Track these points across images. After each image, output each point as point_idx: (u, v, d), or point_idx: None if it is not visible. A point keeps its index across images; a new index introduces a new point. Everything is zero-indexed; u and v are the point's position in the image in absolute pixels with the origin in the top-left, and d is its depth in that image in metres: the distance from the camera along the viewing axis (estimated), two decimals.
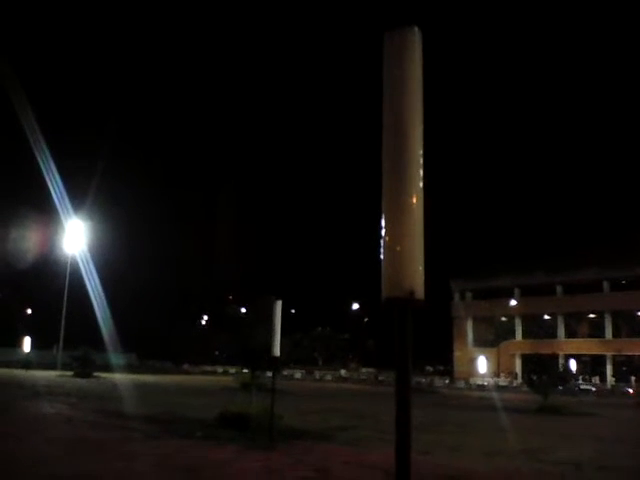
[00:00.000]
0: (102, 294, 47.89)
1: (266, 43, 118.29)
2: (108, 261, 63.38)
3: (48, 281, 61.89)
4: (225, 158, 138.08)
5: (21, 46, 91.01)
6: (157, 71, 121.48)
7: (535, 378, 29.68)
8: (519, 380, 59.92)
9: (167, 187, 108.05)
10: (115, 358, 50.31)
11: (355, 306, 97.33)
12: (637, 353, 64.02)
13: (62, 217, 51.19)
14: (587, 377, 61.20)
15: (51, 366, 46.57)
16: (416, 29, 2.17)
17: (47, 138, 46.31)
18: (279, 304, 11.55)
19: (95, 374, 37.62)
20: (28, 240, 65.12)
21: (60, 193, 48.36)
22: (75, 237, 52.72)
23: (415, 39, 2.17)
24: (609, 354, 65.79)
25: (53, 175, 46.81)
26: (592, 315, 70.48)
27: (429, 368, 78.00)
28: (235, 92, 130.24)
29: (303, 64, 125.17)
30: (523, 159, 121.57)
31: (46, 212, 57.53)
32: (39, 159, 45.84)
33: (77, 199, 55.08)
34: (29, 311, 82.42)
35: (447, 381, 61.17)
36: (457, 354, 76.44)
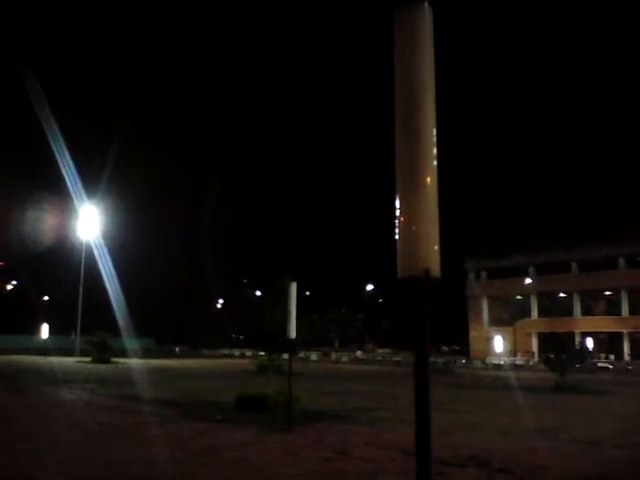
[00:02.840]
0: (117, 279, 48.17)
1: (272, 26, 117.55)
2: (123, 246, 63.78)
3: (64, 268, 62.31)
4: (241, 141, 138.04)
5: (35, 33, 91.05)
6: (171, 57, 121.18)
7: (552, 356, 29.64)
8: (535, 359, 59.94)
9: (180, 171, 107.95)
10: (132, 343, 50.72)
11: (370, 287, 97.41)
12: None
13: (76, 203, 51.48)
14: (604, 355, 61.02)
15: (69, 352, 46.98)
16: (426, 5, 2.14)
17: (61, 124, 46.46)
18: (294, 286, 11.56)
19: (113, 359, 37.93)
20: (43, 227, 65.57)
21: (74, 179, 48.62)
22: (89, 223, 53.00)
23: (425, 15, 2.13)
24: (626, 331, 65.50)
25: (66, 161, 47.02)
26: (608, 292, 70.14)
27: (445, 348, 78.06)
28: (248, 77, 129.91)
29: (312, 47, 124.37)
30: (538, 135, 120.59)
31: (61, 198, 57.88)
32: (52, 145, 46.03)
33: (91, 184, 55.33)
34: (46, 298, 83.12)
35: (463, 361, 61.16)
36: (473, 334, 76.40)
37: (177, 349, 73.48)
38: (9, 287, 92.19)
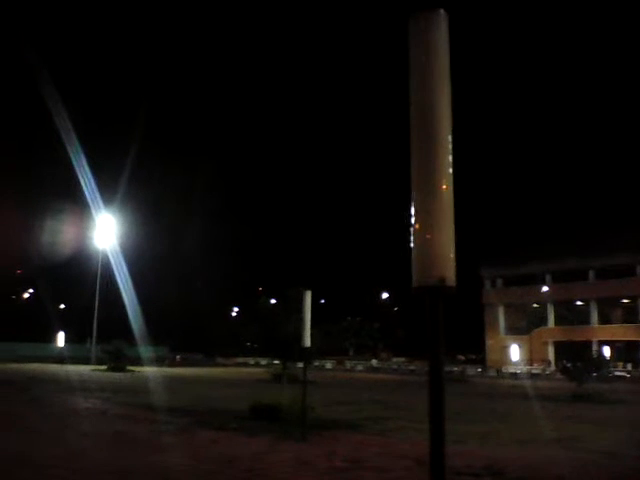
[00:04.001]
0: (133, 288, 48.35)
1: (288, 31, 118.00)
2: (139, 254, 64.10)
3: (80, 276, 62.66)
4: (258, 150, 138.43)
5: (53, 43, 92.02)
6: (187, 65, 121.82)
7: (569, 365, 29.42)
8: (552, 368, 59.44)
9: (197, 179, 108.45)
10: (148, 351, 50.85)
11: (385, 295, 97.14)
12: None
13: (93, 211, 51.82)
14: (622, 363, 60.39)
15: (85, 360, 47.18)
16: (442, 12, 2.13)
17: (79, 133, 46.83)
18: (309, 294, 11.54)
19: (128, 368, 38.04)
20: (60, 236, 66.00)
21: (91, 187, 48.89)
22: (106, 231, 53.33)
23: (441, 22, 2.12)
24: None
25: (84, 169, 47.34)
26: (626, 300, 69.49)
27: (461, 357, 77.59)
28: (264, 86, 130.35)
29: (328, 49, 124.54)
30: (554, 142, 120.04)
31: (78, 207, 58.18)
32: (70, 154, 46.38)
33: (108, 193, 55.67)
34: (62, 306, 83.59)
35: (479, 370, 60.80)
36: (489, 342, 75.92)
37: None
38: (26, 295, 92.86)
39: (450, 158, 2.07)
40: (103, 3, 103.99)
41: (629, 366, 59.97)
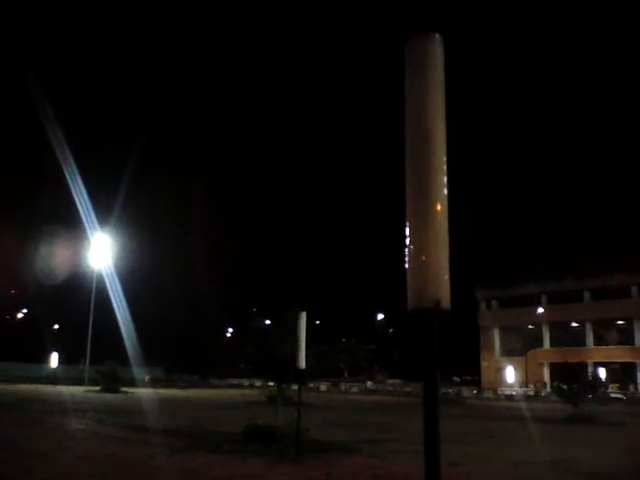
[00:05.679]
0: (127, 309, 48.19)
1: (287, 52, 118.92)
2: (134, 275, 63.87)
3: (75, 296, 62.49)
4: (252, 169, 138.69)
5: (49, 64, 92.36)
6: (184, 86, 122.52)
7: (564, 387, 29.32)
8: (547, 389, 59.27)
9: (191, 199, 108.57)
10: (142, 372, 50.57)
11: (380, 316, 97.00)
12: None
13: (88, 232, 51.75)
14: (618, 385, 60.25)
15: (78, 381, 46.89)
16: (437, 36, 2.14)
17: (74, 153, 46.95)
18: (304, 315, 11.51)
19: (122, 389, 37.78)
20: (55, 256, 65.84)
21: (86, 207, 48.89)
22: (101, 252, 53.22)
23: (436, 46, 2.14)
24: (639, 361, 64.78)
25: (80, 190, 47.37)
26: (621, 322, 69.54)
27: (456, 379, 77.38)
28: (256, 100, 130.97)
29: (328, 68, 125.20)
30: (549, 163, 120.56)
31: (73, 227, 58.14)
32: (66, 174, 46.45)
33: (103, 212, 55.64)
34: (56, 327, 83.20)
35: (475, 391, 60.57)
36: (484, 364, 75.79)
37: (186, 378, 72.62)
38: (20, 315, 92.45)
39: (445, 179, 2.08)
40: (96, 25, 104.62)
41: (630, 388, 59.79)
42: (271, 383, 37.94)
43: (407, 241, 2.05)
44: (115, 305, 48.29)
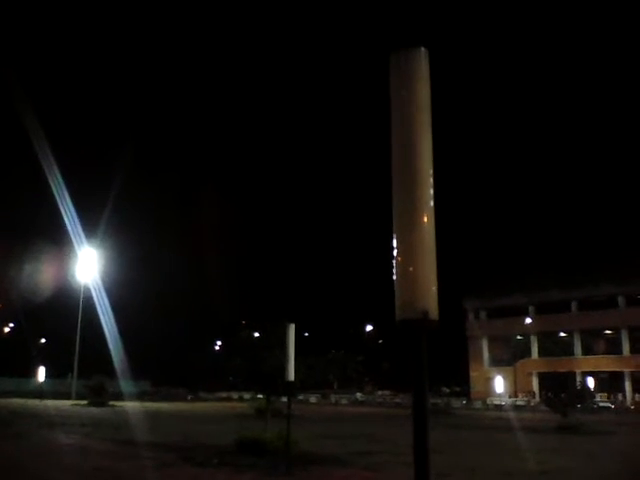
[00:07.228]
0: (114, 322, 47.94)
1: (281, 59, 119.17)
2: (121, 289, 63.47)
3: (62, 310, 62.05)
4: (239, 179, 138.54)
5: (36, 79, 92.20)
6: (175, 97, 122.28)
7: (553, 397, 29.40)
8: (536, 399, 59.37)
9: (180, 213, 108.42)
10: (129, 386, 50.22)
11: (369, 327, 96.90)
12: None
13: (75, 246, 51.51)
14: (606, 394, 60.41)
15: (65, 395, 46.49)
16: (423, 49, 2.17)
17: (61, 168, 46.75)
18: (292, 328, 11.49)
19: (110, 403, 37.51)
20: (42, 270, 65.45)
21: (73, 221, 48.69)
22: (88, 266, 52.96)
23: (422, 59, 2.16)
24: (627, 370, 65.01)
25: (66, 204, 47.18)
26: (608, 331, 69.80)
27: (445, 389, 77.30)
28: (247, 104, 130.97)
29: (318, 78, 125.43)
30: (536, 174, 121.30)
31: (60, 241, 57.86)
32: (53, 189, 46.25)
33: (90, 227, 55.39)
34: (43, 340, 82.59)
35: (464, 402, 60.58)
36: (473, 374, 75.81)
37: (175, 392, 72.08)
38: (6, 329, 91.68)
39: (431, 191, 2.09)
40: (95, 26, 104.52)
41: (619, 396, 59.94)
42: (260, 396, 37.86)
43: (394, 252, 2.06)
44: (102, 319, 48.07)
